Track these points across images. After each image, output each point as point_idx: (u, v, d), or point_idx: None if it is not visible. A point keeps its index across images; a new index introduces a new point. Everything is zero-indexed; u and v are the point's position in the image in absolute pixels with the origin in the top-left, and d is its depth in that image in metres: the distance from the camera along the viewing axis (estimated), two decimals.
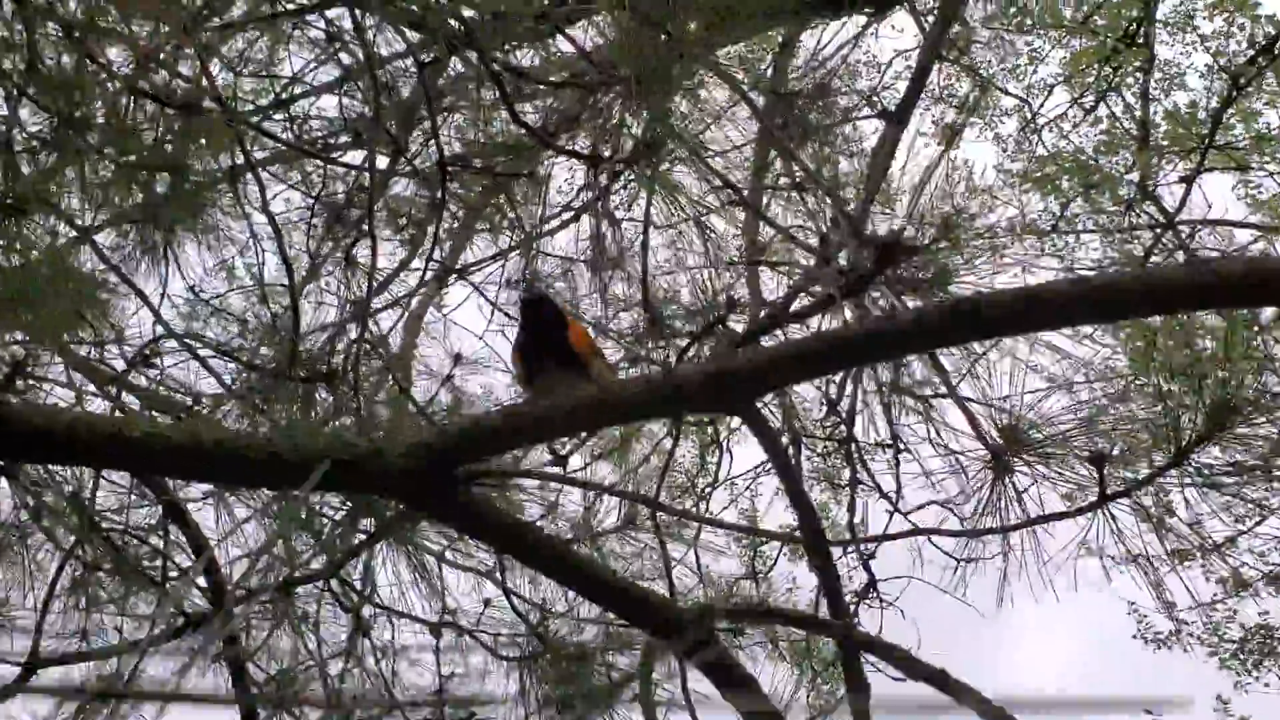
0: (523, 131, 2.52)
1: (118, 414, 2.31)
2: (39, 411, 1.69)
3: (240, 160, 2.46)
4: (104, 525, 2.48)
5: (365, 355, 2.62)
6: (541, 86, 2.81)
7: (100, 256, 2.69)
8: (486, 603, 2.62)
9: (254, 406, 2.35)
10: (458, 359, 2.85)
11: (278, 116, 2.93)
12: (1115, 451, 2.30)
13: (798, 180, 3.60)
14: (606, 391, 1.77)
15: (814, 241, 3.95)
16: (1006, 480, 2.24)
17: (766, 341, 2.33)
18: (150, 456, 1.64)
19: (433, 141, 2.91)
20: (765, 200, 3.88)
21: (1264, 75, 4.67)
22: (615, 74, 2.43)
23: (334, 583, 2.61)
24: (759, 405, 2.29)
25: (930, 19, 4.36)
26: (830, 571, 2.20)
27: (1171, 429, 2.23)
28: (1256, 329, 4.94)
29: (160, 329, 2.48)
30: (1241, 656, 5.20)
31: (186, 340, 2.41)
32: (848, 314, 2.60)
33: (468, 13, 2.35)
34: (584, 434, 2.55)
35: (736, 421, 4.48)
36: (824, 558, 2.20)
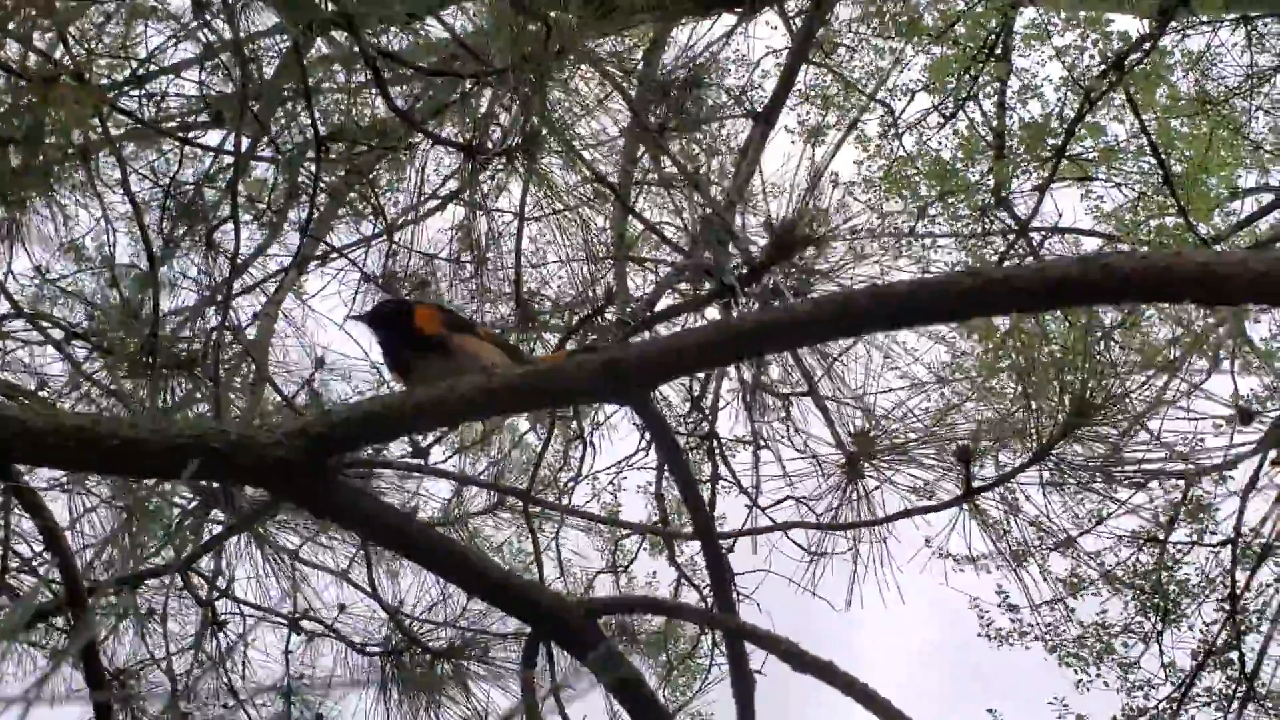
0: (394, 116, 2.47)
1: None
2: None
3: (95, 137, 2.36)
4: None
5: (224, 343, 2.54)
6: (411, 71, 2.76)
7: None
8: (341, 607, 2.56)
9: (108, 392, 2.26)
10: (320, 363, 2.78)
11: (134, 93, 2.82)
12: (980, 447, 2.36)
13: (665, 175, 3.61)
14: (492, 380, 1.72)
15: (680, 237, 3.97)
16: (858, 482, 2.29)
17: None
18: (2, 441, 1.55)
19: (294, 123, 2.84)
20: (634, 195, 3.89)
21: (1113, 90, 4.83)
22: (490, 64, 2.40)
23: (186, 576, 2.53)
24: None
25: (799, 21, 4.41)
26: (721, 563, 2.21)
27: (1032, 426, 2.30)
28: (1100, 334, 5.12)
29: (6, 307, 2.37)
30: (1081, 655, 5.37)
31: (38, 321, 2.30)
32: (712, 311, 2.63)
33: None
34: (461, 423, 2.51)
35: (601, 416, 4.49)
36: (715, 550, 2.20)
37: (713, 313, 2.69)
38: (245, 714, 2.41)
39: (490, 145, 2.68)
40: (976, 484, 2.34)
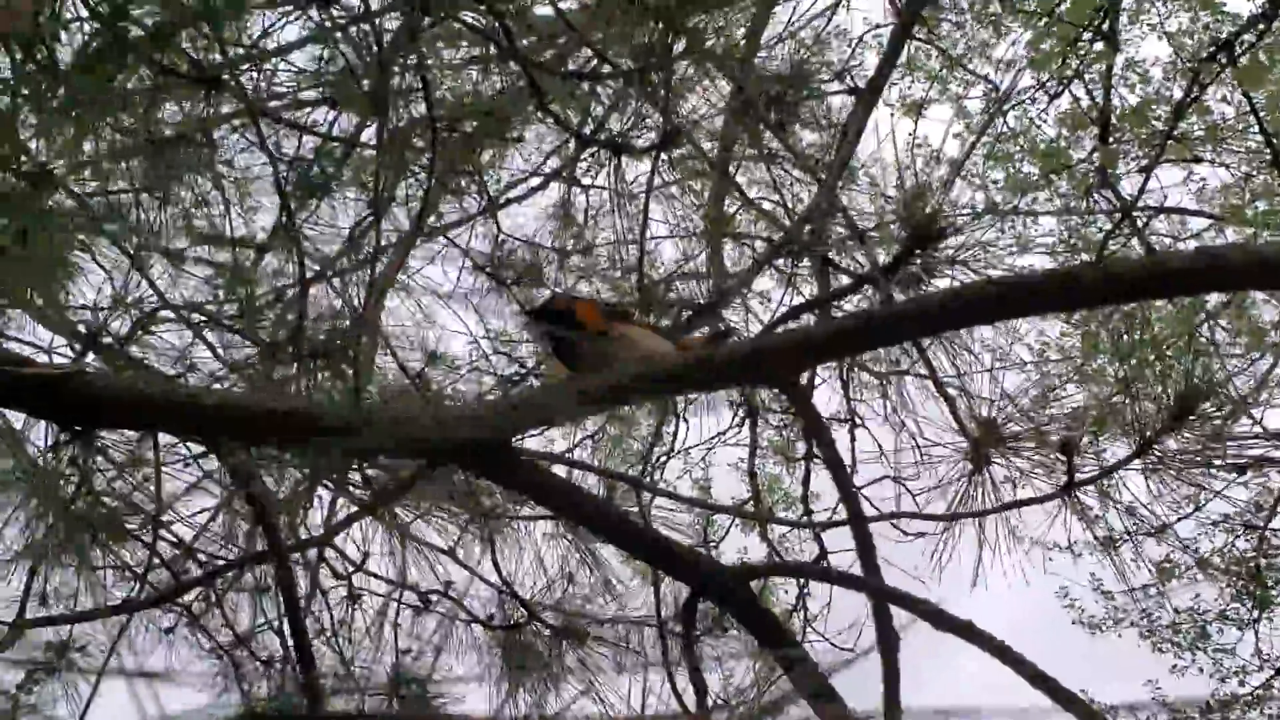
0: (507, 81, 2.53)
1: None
2: (113, 380, 1.75)
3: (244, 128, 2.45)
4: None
5: (363, 332, 2.62)
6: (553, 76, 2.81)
7: (88, 217, 2.65)
8: (448, 584, 2.64)
9: (254, 378, 2.35)
10: (433, 356, 2.88)
11: (266, 69, 2.89)
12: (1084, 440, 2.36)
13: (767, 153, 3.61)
14: (651, 367, 1.87)
15: (779, 214, 3.96)
16: (985, 470, 2.30)
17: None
18: (224, 422, 1.70)
19: (408, 104, 2.88)
20: (734, 171, 3.89)
21: (1223, 72, 4.73)
22: (617, 66, 2.47)
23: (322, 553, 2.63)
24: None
25: None
26: (868, 540, 2.32)
27: (1136, 418, 2.29)
28: (1204, 317, 5.05)
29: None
30: (1175, 641, 5.33)
31: (184, 312, 2.39)
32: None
33: None
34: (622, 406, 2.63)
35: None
36: (862, 525, 2.31)
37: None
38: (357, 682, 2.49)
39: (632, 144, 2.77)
40: (1079, 477, 2.34)
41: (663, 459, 4.42)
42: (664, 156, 2.81)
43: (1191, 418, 2.23)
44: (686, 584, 2.10)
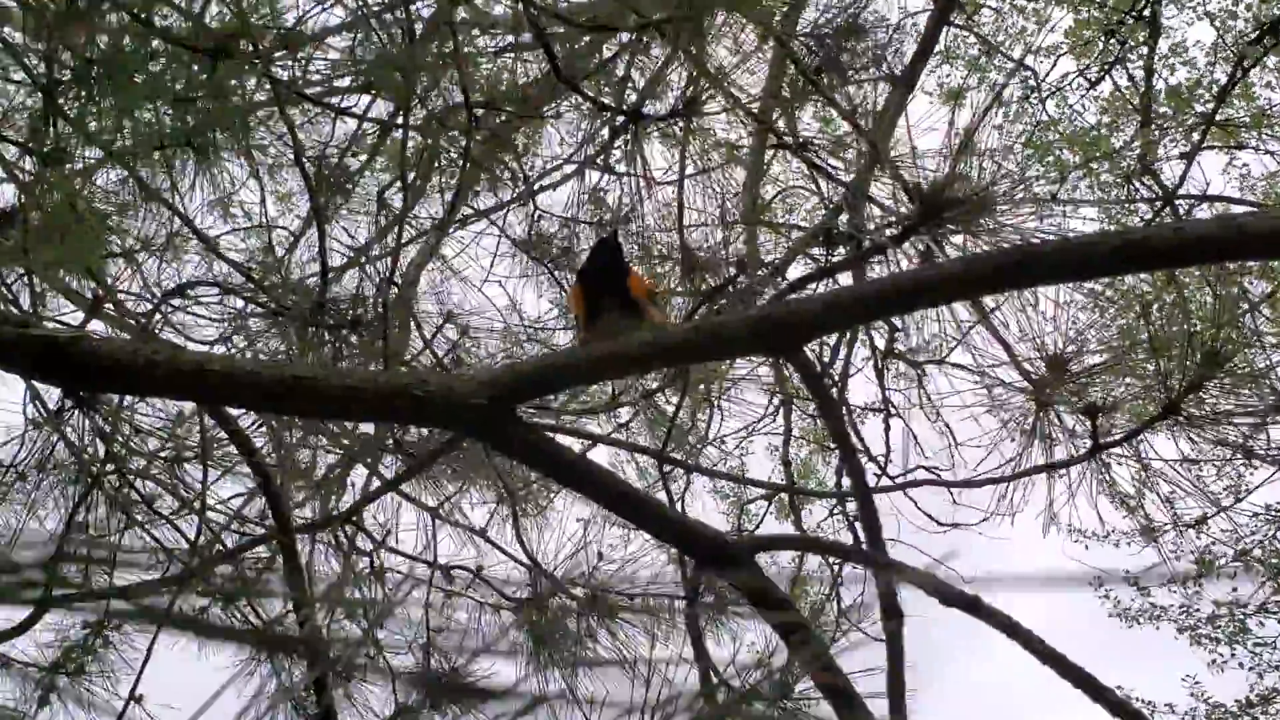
0: (546, 79, 2.51)
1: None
2: (118, 345, 1.75)
3: (261, 100, 2.46)
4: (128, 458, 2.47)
5: (389, 303, 2.64)
6: (565, 28, 2.79)
7: (141, 185, 2.67)
8: (479, 568, 2.65)
9: (278, 348, 2.37)
10: (464, 331, 2.89)
11: (287, 61, 2.89)
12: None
13: (801, 140, 3.58)
14: (659, 337, 1.86)
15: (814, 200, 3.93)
16: (1048, 414, 2.24)
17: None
18: (232, 390, 1.72)
19: (442, 89, 2.88)
20: (768, 159, 3.87)
21: (1268, 55, 4.67)
22: (647, 17, 2.44)
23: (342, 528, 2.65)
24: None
25: None
26: (872, 507, 2.30)
27: (1162, 380, 2.22)
28: (1246, 305, 4.98)
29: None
30: (1213, 635, 5.27)
31: (218, 282, 2.42)
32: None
33: None
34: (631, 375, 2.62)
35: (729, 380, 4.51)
36: (865, 495, 2.29)
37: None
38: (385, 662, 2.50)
39: (651, 110, 2.73)
40: (1103, 440, 2.27)
41: (699, 447, 4.42)
42: (691, 125, 2.77)
43: (1220, 375, 2.17)
44: (692, 556, 2.08)
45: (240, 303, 2.51)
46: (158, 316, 2.43)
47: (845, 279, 2.49)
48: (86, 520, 2.38)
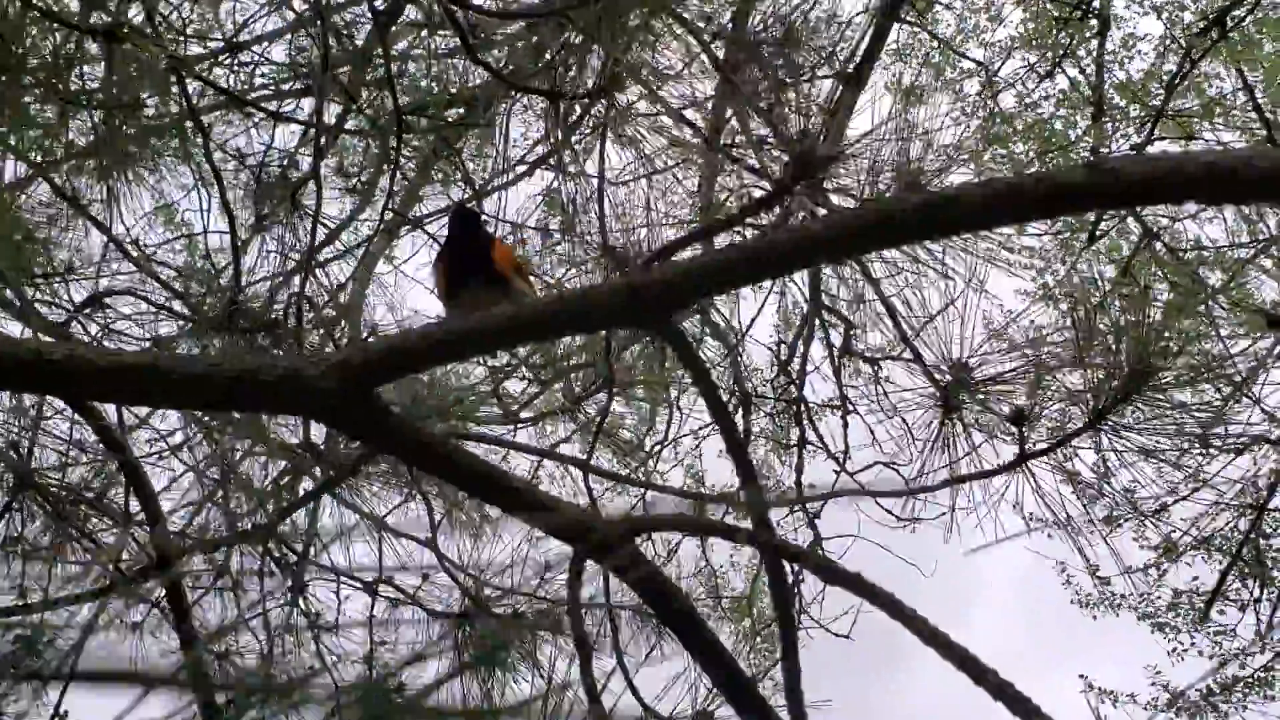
0: (481, 71, 2.49)
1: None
2: (13, 343, 1.69)
3: (179, 102, 2.42)
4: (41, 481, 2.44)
5: (309, 305, 2.60)
6: (495, 29, 2.78)
7: (57, 192, 2.65)
8: (425, 576, 2.61)
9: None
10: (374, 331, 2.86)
11: (227, 63, 2.87)
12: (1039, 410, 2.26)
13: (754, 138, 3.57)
14: (521, 309, 1.77)
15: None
16: (954, 418, 2.21)
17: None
18: (72, 378, 1.62)
19: (384, 92, 2.87)
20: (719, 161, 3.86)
21: (1215, 46, 4.69)
22: (572, 9, 2.41)
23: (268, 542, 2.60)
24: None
25: None
26: (751, 469, 2.25)
27: (1091, 388, 2.19)
28: (1203, 296, 5.00)
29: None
30: (1173, 624, 5.29)
31: (131, 290, 2.39)
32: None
33: None
34: (500, 351, 2.55)
35: (688, 379, 4.50)
36: (746, 465, 2.23)
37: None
38: (331, 677, 2.46)
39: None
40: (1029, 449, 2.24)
41: (656, 448, 4.40)
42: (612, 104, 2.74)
43: (1147, 387, 2.14)
44: (569, 544, 2.01)
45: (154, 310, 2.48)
46: (75, 325, 2.40)
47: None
48: None
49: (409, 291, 3.51)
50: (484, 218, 2.51)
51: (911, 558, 4.36)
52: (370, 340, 2.19)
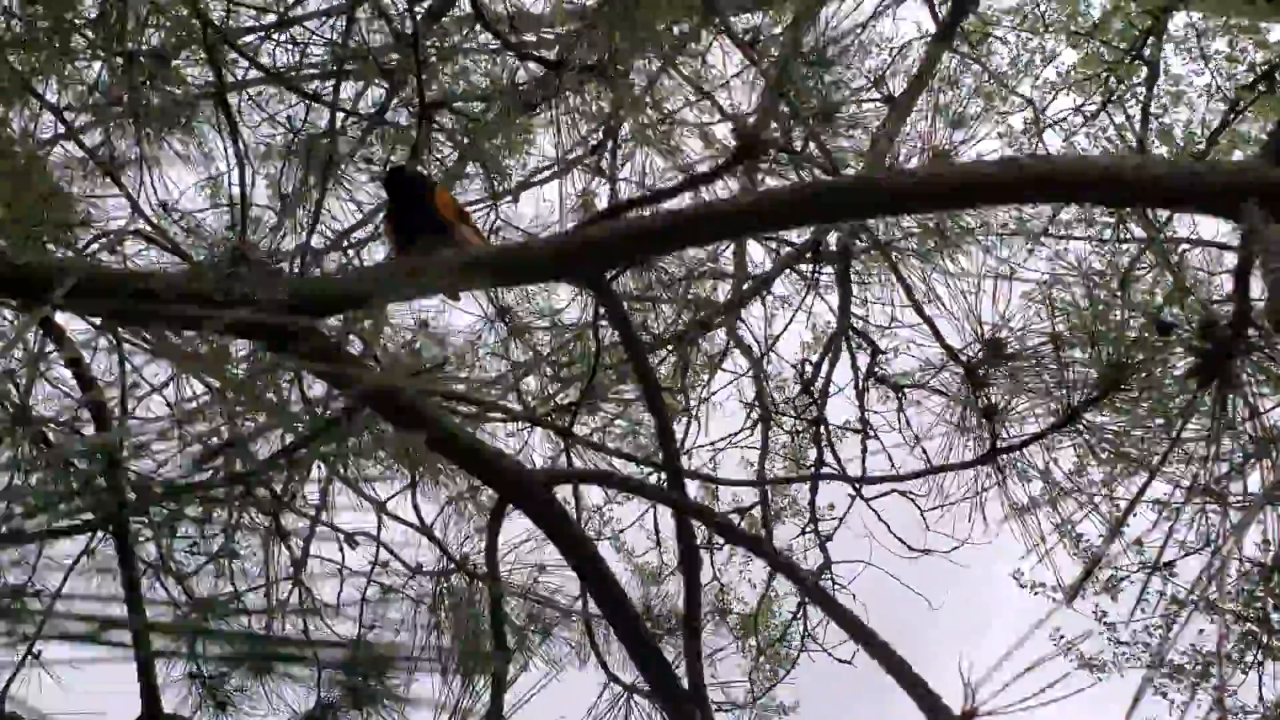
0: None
1: None
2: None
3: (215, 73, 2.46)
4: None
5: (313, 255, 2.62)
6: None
7: (83, 148, 2.67)
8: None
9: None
10: (424, 324, 2.88)
11: (277, 38, 2.90)
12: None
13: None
14: (462, 256, 1.84)
15: None
16: (982, 393, 2.19)
17: None
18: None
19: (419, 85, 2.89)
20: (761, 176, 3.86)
21: (1261, 100, 4.67)
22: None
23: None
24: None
25: (944, 6, 4.32)
26: (669, 434, 2.29)
27: (1063, 386, 2.16)
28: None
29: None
30: (1176, 678, 5.26)
31: (139, 230, 2.41)
32: None
33: None
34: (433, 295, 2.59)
35: (706, 391, 4.50)
36: (665, 426, 2.28)
37: None
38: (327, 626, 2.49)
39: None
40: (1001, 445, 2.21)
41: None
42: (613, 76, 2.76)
43: (1119, 393, 2.11)
44: (495, 490, 2.05)
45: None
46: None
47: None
48: None
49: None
50: (419, 169, 2.54)
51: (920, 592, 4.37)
52: (302, 280, 2.22)
